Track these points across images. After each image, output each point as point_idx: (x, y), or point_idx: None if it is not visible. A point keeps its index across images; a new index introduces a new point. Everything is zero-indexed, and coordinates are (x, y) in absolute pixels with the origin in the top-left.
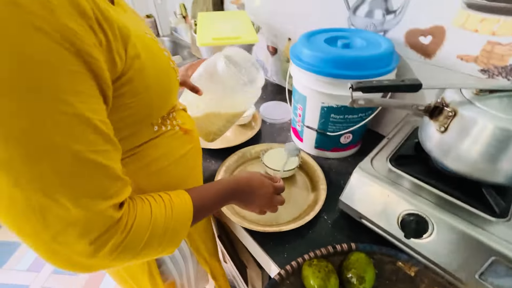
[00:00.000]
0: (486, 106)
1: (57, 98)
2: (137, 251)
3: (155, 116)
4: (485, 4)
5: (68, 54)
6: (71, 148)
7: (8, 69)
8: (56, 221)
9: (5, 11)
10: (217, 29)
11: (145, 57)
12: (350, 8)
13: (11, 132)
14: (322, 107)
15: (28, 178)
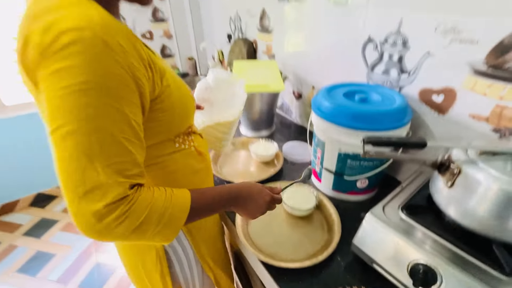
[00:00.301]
0: (490, 167)
1: (114, 99)
2: (137, 223)
3: (175, 131)
4: (491, 72)
5: (129, 77)
6: (111, 130)
7: (96, 79)
8: (89, 181)
9: (100, 46)
10: (250, 77)
11: (173, 86)
12: (369, 66)
13: (81, 114)
14: (339, 153)
15: (83, 145)
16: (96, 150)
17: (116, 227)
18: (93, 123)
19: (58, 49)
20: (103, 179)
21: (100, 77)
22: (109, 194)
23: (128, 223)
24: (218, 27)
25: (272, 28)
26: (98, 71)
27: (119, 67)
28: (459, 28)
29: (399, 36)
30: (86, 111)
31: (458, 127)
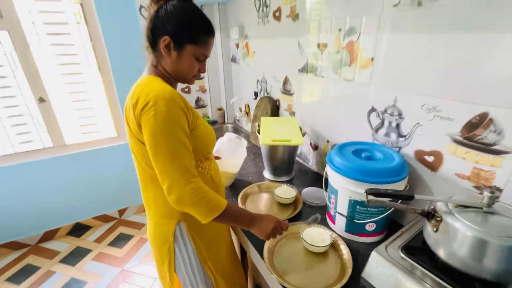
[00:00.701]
0: (463, 218)
1: (180, 126)
2: (199, 197)
3: (199, 153)
4: (466, 142)
5: (184, 116)
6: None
7: (171, 116)
8: (182, 170)
9: (171, 102)
10: (274, 132)
11: (201, 125)
12: (373, 128)
13: (166, 131)
14: (349, 199)
15: (171, 154)
16: (178, 150)
17: (190, 194)
18: (173, 137)
19: (152, 105)
20: (183, 164)
21: (173, 114)
22: (187, 172)
23: (195, 195)
24: (246, 85)
25: (293, 91)
26: (171, 111)
27: (180, 110)
28: (438, 108)
29: (395, 109)
30: (169, 132)
31: (448, 183)
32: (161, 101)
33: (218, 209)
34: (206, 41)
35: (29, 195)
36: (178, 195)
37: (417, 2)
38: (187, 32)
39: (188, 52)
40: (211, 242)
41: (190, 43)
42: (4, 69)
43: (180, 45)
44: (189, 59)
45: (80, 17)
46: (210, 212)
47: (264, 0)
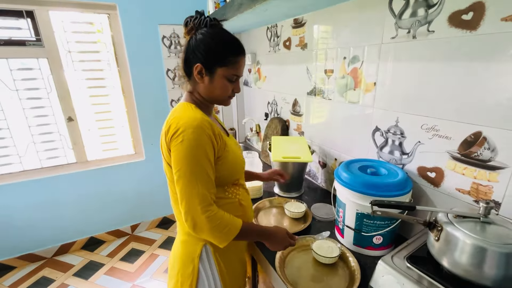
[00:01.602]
0: (462, 227)
1: (205, 153)
2: (214, 225)
3: (227, 180)
4: (464, 159)
5: (210, 141)
6: (206, 170)
7: (198, 143)
8: (200, 197)
9: (199, 130)
10: (284, 150)
11: (231, 153)
12: (378, 146)
13: (191, 158)
14: (357, 213)
15: (193, 180)
16: (200, 177)
17: (206, 222)
18: (196, 164)
19: (181, 132)
20: (202, 192)
21: (199, 141)
22: (205, 200)
23: (212, 222)
24: (257, 107)
25: (302, 112)
26: (198, 139)
27: (207, 138)
28: (437, 127)
29: (397, 128)
30: (193, 159)
31: (449, 198)
32: (189, 128)
33: (234, 232)
34: (235, 61)
35: (49, 209)
36: (194, 221)
37: (412, 35)
38: (215, 56)
39: (219, 75)
40: (232, 264)
41: (220, 66)
42: (40, 91)
43: (211, 70)
44: (221, 81)
45: (109, 45)
46: (227, 236)
47: (276, 31)
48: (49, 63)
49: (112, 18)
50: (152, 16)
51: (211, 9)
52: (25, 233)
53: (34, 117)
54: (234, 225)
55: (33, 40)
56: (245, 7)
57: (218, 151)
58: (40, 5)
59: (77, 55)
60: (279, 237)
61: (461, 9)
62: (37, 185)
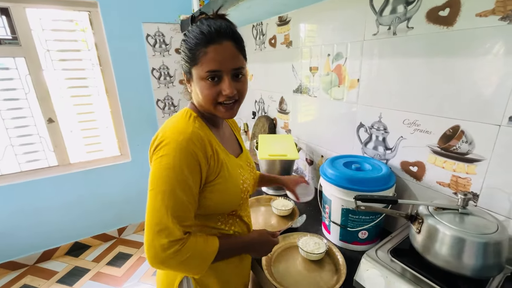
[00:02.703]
0: (441, 219)
1: (185, 176)
2: (183, 259)
3: (218, 211)
4: (443, 152)
5: (196, 163)
6: (181, 196)
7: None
8: (163, 224)
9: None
10: (271, 148)
11: (228, 181)
12: (362, 142)
13: (165, 181)
14: (342, 208)
15: (164, 201)
16: (171, 207)
17: (171, 258)
18: (172, 191)
19: (163, 146)
20: (171, 225)
21: (179, 161)
22: (172, 235)
23: (178, 257)
24: (245, 106)
25: (289, 110)
26: (178, 158)
27: (192, 158)
28: (417, 122)
29: (381, 124)
30: (168, 181)
31: (431, 191)
32: (172, 143)
33: (209, 259)
34: (205, 53)
35: (30, 214)
36: (157, 257)
37: (393, 31)
38: (187, 56)
39: (195, 77)
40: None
41: (193, 65)
42: (17, 92)
43: (189, 74)
44: (199, 84)
45: (91, 44)
46: (200, 267)
47: (261, 29)
48: (27, 63)
49: (93, 15)
50: (135, 14)
51: (195, 7)
52: (4, 240)
53: (12, 119)
54: (208, 251)
55: (9, 39)
56: (229, 4)
57: (209, 175)
58: (16, 2)
59: (57, 54)
60: (263, 242)
61: (438, 6)
62: (16, 189)
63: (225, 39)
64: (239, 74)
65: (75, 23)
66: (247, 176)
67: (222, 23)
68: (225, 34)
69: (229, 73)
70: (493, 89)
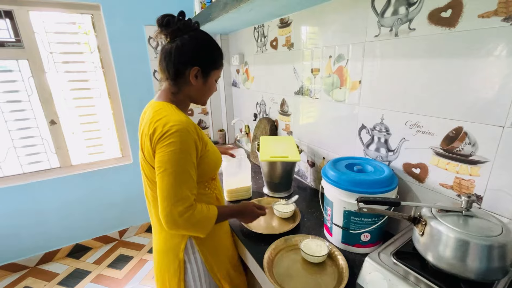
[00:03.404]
0: (445, 221)
1: (189, 156)
2: (194, 221)
3: (207, 176)
4: (446, 154)
5: (194, 144)
6: (188, 171)
7: (183, 146)
8: (179, 195)
9: (185, 132)
10: (273, 150)
11: (210, 151)
12: (364, 144)
13: (177, 163)
14: (344, 210)
15: (177, 182)
16: (183, 180)
17: (186, 221)
18: (182, 168)
19: (169, 135)
20: (185, 194)
21: (185, 145)
22: (187, 202)
23: (192, 220)
24: (246, 107)
25: (290, 112)
26: (184, 143)
27: (192, 141)
28: (420, 124)
29: (383, 126)
30: (179, 162)
31: (434, 193)
32: (177, 132)
33: (212, 222)
34: (222, 64)
35: (32, 215)
36: (174, 222)
37: (394, 33)
38: (213, 60)
39: (212, 77)
40: (217, 251)
41: (214, 69)
42: (20, 94)
43: (207, 73)
44: (212, 82)
45: (94, 46)
46: (206, 228)
47: (262, 31)
48: (30, 65)
49: (96, 18)
50: (138, 16)
51: (197, 9)
52: (6, 242)
53: (14, 120)
54: (210, 216)
55: (13, 41)
56: (230, 6)
57: (200, 151)
58: (20, 5)
59: (59, 56)
60: (248, 211)
61: (440, 7)
62: (18, 191)
63: None
64: None
65: (78, 26)
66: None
67: None
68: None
69: None
70: (496, 90)
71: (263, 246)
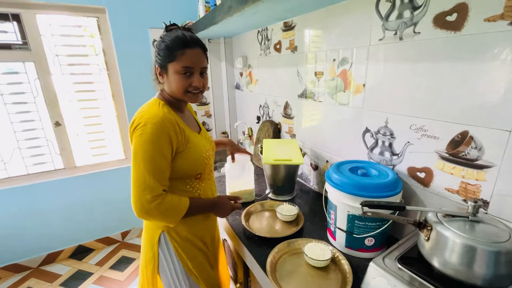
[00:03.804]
0: (451, 226)
1: (161, 149)
2: (163, 209)
3: (187, 174)
4: (452, 158)
5: (167, 137)
6: (159, 163)
7: (154, 139)
8: (147, 184)
9: (157, 124)
10: (276, 152)
11: (192, 149)
12: (368, 147)
13: (146, 151)
14: (348, 214)
15: (145, 172)
16: (150, 170)
17: (154, 209)
18: (149, 158)
19: (141, 126)
20: (153, 184)
21: (155, 137)
22: (155, 191)
23: (160, 209)
24: (249, 110)
25: (293, 115)
26: (154, 135)
27: (165, 135)
28: (425, 128)
29: (387, 129)
30: (147, 153)
31: (439, 198)
32: (148, 124)
33: (182, 212)
34: (182, 53)
35: (35, 216)
36: (143, 209)
37: (399, 36)
38: (164, 53)
39: (171, 70)
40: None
41: (169, 61)
42: (26, 95)
43: (165, 68)
44: (174, 76)
45: (99, 49)
46: (175, 217)
47: (266, 34)
48: (36, 67)
49: (101, 21)
50: (142, 19)
51: (201, 13)
52: (9, 242)
53: (20, 122)
54: (181, 207)
55: (19, 44)
56: (234, 10)
57: (178, 147)
58: (27, 8)
59: (65, 58)
60: (222, 205)
61: (445, 11)
62: (22, 192)
63: (197, 46)
64: (203, 72)
65: (84, 29)
66: (208, 147)
67: (193, 34)
68: (197, 42)
69: (198, 70)
70: (502, 94)
71: (266, 250)
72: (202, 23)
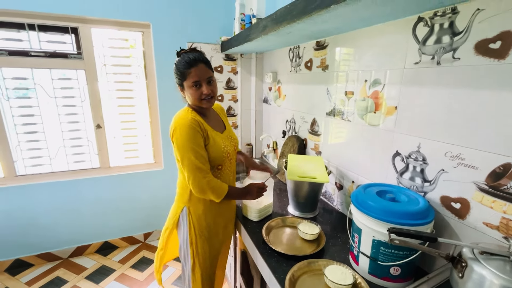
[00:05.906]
0: (489, 265)
1: (195, 144)
2: (212, 186)
3: (213, 163)
4: (492, 191)
5: (199, 134)
6: (196, 150)
7: (188, 134)
8: (199, 169)
9: (186, 126)
10: (301, 169)
11: (212, 144)
12: (398, 171)
13: (189, 146)
14: (373, 239)
15: (192, 160)
16: (197, 156)
17: (207, 184)
18: (193, 148)
19: (179, 127)
20: (200, 165)
21: (190, 134)
22: (203, 170)
23: (211, 184)
24: (276, 124)
25: (320, 132)
26: (189, 132)
27: (195, 132)
28: (462, 156)
29: (419, 154)
30: (191, 145)
31: (476, 232)
32: (181, 127)
33: (224, 191)
34: (189, 73)
35: (70, 210)
36: (199, 186)
37: (436, 61)
38: (178, 76)
39: (186, 86)
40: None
41: (184, 80)
42: (75, 99)
43: (182, 86)
44: (188, 90)
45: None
46: (220, 194)
47: (298, 52)
48: (86, 74)
49: (145, 35)
50: (182, 34)
51: (237, 30)
52: (46, 233)
53: (68, 123)
54: (223, 187)
55: (75, 53)
56: (269, 29)
57: (205, 140)
58: (84, 22)
59: (111, 67)
60: (251, 190)
61: (488, 38)
62: (62, 186)
63: (200, 62)
64: (210, 81)
65: (129, 44)
66: (227, 144)
67: (195, 54)
68: (199, 60)
69: (205, 81)
70: None
71: (285, 267)
72: (236, 40)
